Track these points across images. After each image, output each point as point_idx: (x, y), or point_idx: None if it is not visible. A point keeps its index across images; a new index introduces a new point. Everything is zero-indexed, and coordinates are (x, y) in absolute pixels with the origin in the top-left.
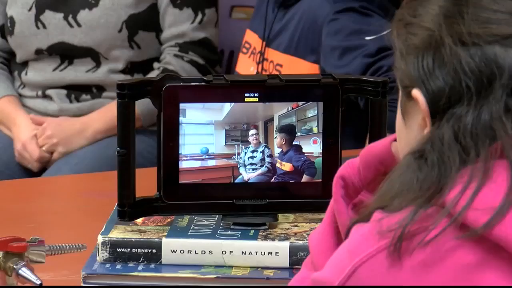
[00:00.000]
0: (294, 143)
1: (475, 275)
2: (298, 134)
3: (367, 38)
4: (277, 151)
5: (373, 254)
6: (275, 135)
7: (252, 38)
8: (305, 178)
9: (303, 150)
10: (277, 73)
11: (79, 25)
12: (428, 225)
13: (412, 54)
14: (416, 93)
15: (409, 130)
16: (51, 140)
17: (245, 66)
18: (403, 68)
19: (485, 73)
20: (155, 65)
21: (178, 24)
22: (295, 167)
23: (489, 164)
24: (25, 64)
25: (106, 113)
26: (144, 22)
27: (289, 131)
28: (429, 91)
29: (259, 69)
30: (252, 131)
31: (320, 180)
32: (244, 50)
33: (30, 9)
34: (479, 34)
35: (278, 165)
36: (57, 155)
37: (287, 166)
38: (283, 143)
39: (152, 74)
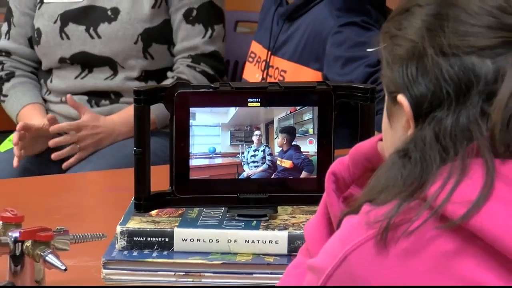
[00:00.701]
0: (293, 143)
1: (453, 261)
2: (296, 135)
3: (369, 50)
4: (277, 150)
5: (362, 242)
6: (275, 136)
7: (257, 48)
8: (303, 174)
9: (300, 149)
10: (281, 78)
11: (99, 36)
12: (411, 216)
13: (397, 63)
14: (401, 98)
15: (394, 131)
16: (85, 142)
17: (251, 73)
18: (389, 75)
19: (463, 80)
20: (169, 74)
21: (190, 38)
22: (295, 164)
23: (466, 162)
24: (49, 72)
25: (129, 118)
26: (158, 36)
27: (290, 132)
28: (412, 96)
29: (264, 75)
30: (257, 132)
31: (315, 176)
32: (250, 59)
33: (55, 22)
34: (458, 45)
35: (278, 162)
36: (83, 154)
37: (287, 163)
38: (284, 142)
39: (166, 82)
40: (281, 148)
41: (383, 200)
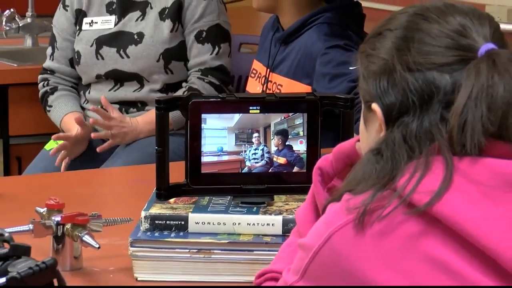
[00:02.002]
0: (286, 143)
1: (419, 241)
2: (289, 136)
3: (351, 68)
4: (273, 149)
5: (343, 225)
6: (272, 137)
7: (258, 66)
8: (295, 169)
9: (293, 149)
10: (278, 91)
11: (128, 56)
12: (384, 204)
13: (371, 77)
14: (375, 106)
15: (369, 134)
16: (112, 125)
17: (253, 87)
18: (365, 87)
19: (426, 91)
20: (183, 84)
21: (200, 55)
22: (289, 161)
23: (429, 159)
24: (88, 85)
25: (150, 120)
26: (176, 54)
27: (284, 134)
28: (384, 105)
29: (264, 88)
30: (257, 134)
31: (305, 171)
32: (252, 75)
33: (91, 45)
34: (422, 63)
35: (274, 159)
36: (112, 141)
37: (282, 160)
38: (280, 143)
39: (179, 91)
40: (277, 148)
41: (361, 190)
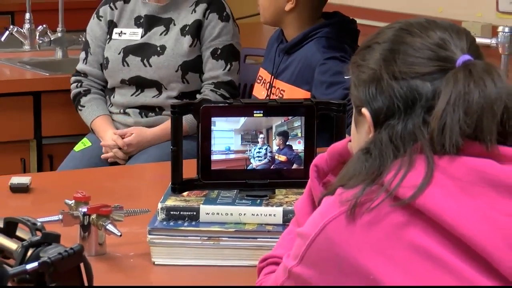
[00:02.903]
0: (287, 143)
1: (403, 230)
2: (289, 137)
3: (346, 77)
4: (275, 148)
5: (336, 216)
6: (274, 138)
7: (263, 73)
8: (294, 166)
9: (292, 148)
10: (281, 95)
11: (150, 65)
12: (372, 197)
13: (361, 85)
14: (364, 110)
15: (359, 135)
16: (130, 148)
17: (259, 91)
18: (356, 94)
19: (410, 98)
20: (198, 96)
21: (214, 70)
22: (289, 159)
23: (413, 158)
24: (113, 90)
25: (166, 128)
26: (193, 66)
27: (285, 135)
28: (372, 109)
29: (268, 93)
30: (260, 135)
31: (303, 167)
32: (258, 81)
33: (119, 53)
34: (406, 72)
35: (276, 157)
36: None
37: (283, 158)
38: (281, 142)
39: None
40: (278, 147)
41: (352, 185)
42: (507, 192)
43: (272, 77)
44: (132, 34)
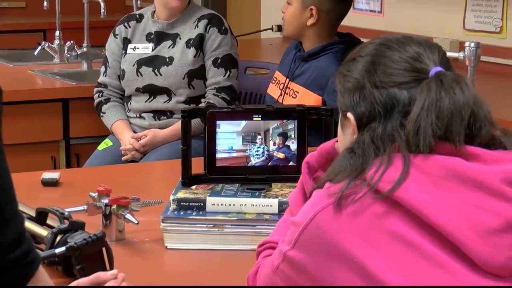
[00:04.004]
0: (285, 143)
1: (383, 219)
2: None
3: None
4: (271, 148)
5: (325, 206)
6: (271, 139)
7: (278, 76)
8: (290, 163)
9: (290, 148)
10: (294, 96)
11: (161, 75)
12: (356, 190)
13: (347, 92)
14: (349, 115)
15: (345, 136)
16: (145, 148)
17: (273, 90)
18: (342, 100)
19: (389, 104)
20: (202, 99)
21: (216, 76)
22: (286, 156)
23: (391, 156)
24: (129, 97)
25: (176, 129)
26: (197, 74)
27: (284, 136)
28: (356, 114)
29: (282, 93)
30: (259, 136)
31: (296, 164)
32: (273, 81)
33: (134, 65)
34: (386, 81)
35: (275, 154)
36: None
37: (281, 155)
38: (281, 142)
39: (201, 105)
40: (277, 146)
41: (338, 180)
42: (473, 186)
43: (287, 79)
44: (144, 48)
